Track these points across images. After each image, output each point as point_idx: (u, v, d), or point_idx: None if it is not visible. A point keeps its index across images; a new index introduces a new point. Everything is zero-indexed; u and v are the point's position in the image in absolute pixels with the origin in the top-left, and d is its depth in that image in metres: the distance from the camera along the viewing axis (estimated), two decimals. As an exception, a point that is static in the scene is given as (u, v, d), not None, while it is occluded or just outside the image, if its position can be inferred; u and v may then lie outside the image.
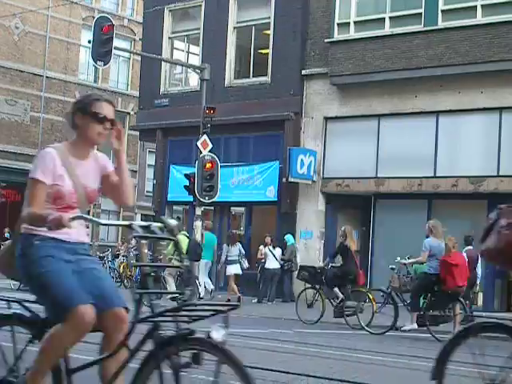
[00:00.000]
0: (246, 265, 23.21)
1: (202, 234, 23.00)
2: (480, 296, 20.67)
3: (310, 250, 24.98)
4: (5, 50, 39.11)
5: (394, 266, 16.90)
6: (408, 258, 16.89)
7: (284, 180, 25.04)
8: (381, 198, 24.14)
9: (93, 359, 4.60)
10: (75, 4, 40.99)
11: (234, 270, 22.67)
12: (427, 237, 15.81)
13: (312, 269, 18.69)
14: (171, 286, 20.61)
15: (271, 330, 14.61)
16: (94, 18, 29.06)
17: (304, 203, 25.30)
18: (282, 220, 25.78)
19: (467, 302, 16.49)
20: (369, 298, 16.71)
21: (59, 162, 4.68)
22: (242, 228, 28.46)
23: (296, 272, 23.92)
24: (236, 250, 22.91)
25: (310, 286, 18.52)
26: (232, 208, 28.27)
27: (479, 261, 17.70)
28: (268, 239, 23.51)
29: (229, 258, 22.77)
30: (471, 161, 22.61)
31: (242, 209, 28.06)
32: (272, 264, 23.32)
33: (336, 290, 17.28)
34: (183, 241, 20.81)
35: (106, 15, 25.44)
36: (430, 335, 14.64)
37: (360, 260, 24.80)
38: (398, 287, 16.35)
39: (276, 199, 25.67)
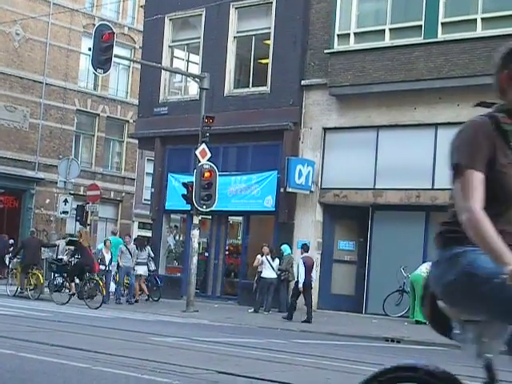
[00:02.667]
0: (153, 267, 25.85)
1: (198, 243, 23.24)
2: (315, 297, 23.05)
3: (307, 260, 24.93)
4: (5, 57, 39.12)
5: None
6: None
7: (282, 190, 25.05)
8: (378, 210, 24.13)
9: None
10: (76, 11, 41.04)
11: (141, 270, 24.94)
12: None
13: (59, 261, 24.95)
14: None
15: (267, 339, 14.57)
16: (94, 25, 29.08)
17: (302, 213, 25.30)
18: (279, 230, 25.77)
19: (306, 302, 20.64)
20: (99, 283, 22.10)
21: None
22: (239, 237, 28.44)
23: (293, 282, 23.94)
24: (145, 253, 25.28)
25: (58, 275, 24.41)
26: (230, 217, 28.25)
27: (314, 266, 21.49)
28: (266, 249, 23.47)
29: (138, 260, 24.68)
30: (469, 173, 22.57)
31: (240, 218, 28.04)
32: (268, 273, 23.29)
33: (75, 278, 22.58)
34: None
35: (107, 23, 25.40)
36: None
37: (357, 270, 24.96)
38: None
39: (274, 209, 25.67)
